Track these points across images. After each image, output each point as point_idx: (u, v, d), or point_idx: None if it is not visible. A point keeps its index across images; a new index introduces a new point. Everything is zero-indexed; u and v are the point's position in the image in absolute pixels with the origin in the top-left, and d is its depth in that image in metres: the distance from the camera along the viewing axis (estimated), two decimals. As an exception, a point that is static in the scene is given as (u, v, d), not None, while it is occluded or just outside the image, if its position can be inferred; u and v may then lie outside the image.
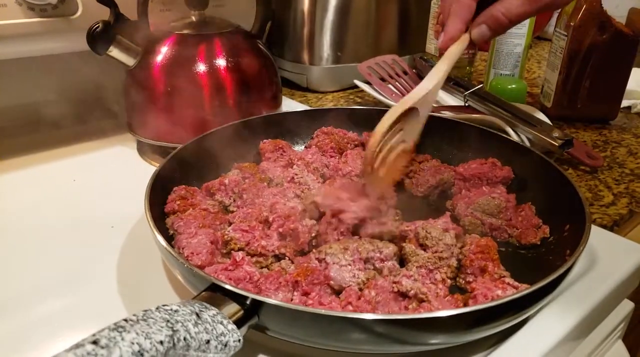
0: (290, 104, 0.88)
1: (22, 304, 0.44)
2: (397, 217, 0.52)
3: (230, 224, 0.50)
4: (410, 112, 0.47)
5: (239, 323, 0.33)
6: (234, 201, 0.55)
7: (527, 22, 0.88)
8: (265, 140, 0.64)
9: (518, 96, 0.86)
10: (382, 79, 0.87)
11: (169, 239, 0.47)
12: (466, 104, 0.79)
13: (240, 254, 0.43)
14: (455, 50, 0.47)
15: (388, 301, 0.40)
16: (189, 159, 0.57)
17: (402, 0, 0.97)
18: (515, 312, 0.38)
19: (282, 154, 0.62)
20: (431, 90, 0.47)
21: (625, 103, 0.88)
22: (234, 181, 0.55)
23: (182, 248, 0.45)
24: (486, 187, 0.56)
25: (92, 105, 0.79)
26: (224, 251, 0.47)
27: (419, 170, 0.61)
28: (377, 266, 0.45)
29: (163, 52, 0.66)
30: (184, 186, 0.54)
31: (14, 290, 0.46)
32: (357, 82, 0.88)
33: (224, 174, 0.58)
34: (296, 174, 0.58)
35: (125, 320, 0.27)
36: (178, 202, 0.51)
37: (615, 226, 0.58)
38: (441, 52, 0.48)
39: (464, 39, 0.47)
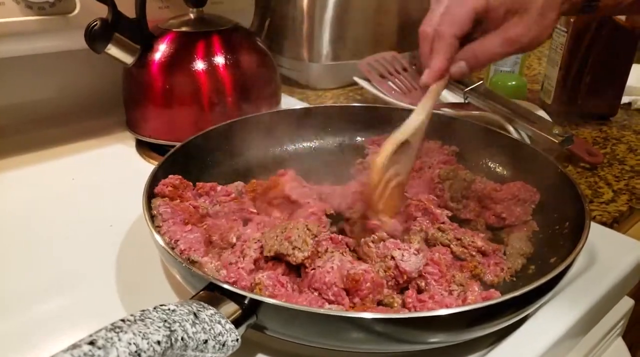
0: (289, 102, 0.88)
1: (20, 303, 0.44)
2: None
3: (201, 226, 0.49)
4: (403, 145, 0.48)
5: (237, 323, 0.33)
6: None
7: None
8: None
9: (518, 93, 0.86)
10: (382, 76, 0.86)
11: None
12: (466, 101, 0.78)
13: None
14: (439, 87, 0.48)
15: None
16: (187, 157, 0.57)
17: (401, -3, 0.97)
18: (514, 310, 0.38)
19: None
20: (422, 122, 0.48)
21: (625, 99, 0.87)
22: (224, 190, 0.54)
23: (176, 241, 0.44)
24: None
25: (90, 104, 0.79)
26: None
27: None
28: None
29: (161, 50, 0.66)
30: (180, 176, 0.53)
31: (12, 289, 0.46)
32: (356, 79, 0.87)
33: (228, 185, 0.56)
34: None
35: (123, 320, 0.27)
36: (169, 188, 0.50)
37: (615, 223, 0.58)
38: (424, 86, 0.49)
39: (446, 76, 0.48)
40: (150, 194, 0.49)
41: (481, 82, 0.80)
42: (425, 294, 0.41)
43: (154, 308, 0.29)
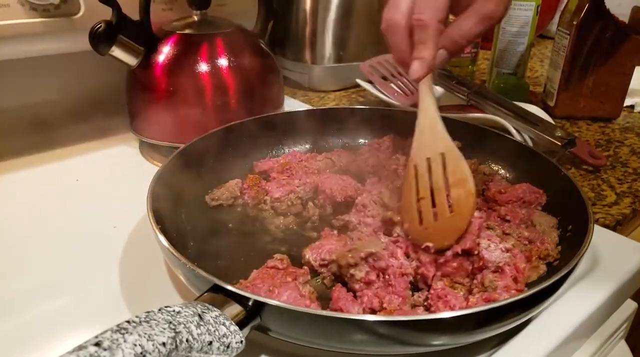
0: (292, 104, 0.88)
1: (24, 304, 0.44)
2: None
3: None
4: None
5: (241, 324, 0.33)
6: None
7: (530, 20, 0.88)
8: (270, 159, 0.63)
9: (520, 95, 0.86)
10: (384, 78, 0.86)
11: (171, 239, 0.47)
12: (468, 103, 0.78)
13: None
14: (430, 80, 0.47)
15: None
16: (191, 158, 0.57)
17: (404, -1, 0.97)
18: (518, 313, 0.38)
19: (289, 176, 0.60)
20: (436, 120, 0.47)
21: (628, 101, 0.87)
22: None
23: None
24: None
25: (94, 106, 0.79)
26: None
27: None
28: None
29: (165, 52, 0.66)
30: None
31: (17, 290, 0.46)
32: (359, 81, 0.88)
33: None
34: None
35: (128, 322, 0.27)
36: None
37: (618, 225, 0.58)
38: (417, 80, 0.46)
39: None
40: (155, 196, 0.49)
41: (483, 84, 0.80)
42: (446, 290, 0.42)
43: (159, 310, 0.30)
